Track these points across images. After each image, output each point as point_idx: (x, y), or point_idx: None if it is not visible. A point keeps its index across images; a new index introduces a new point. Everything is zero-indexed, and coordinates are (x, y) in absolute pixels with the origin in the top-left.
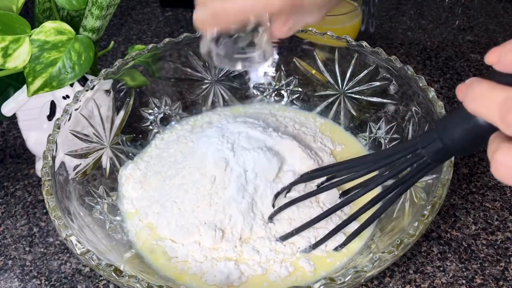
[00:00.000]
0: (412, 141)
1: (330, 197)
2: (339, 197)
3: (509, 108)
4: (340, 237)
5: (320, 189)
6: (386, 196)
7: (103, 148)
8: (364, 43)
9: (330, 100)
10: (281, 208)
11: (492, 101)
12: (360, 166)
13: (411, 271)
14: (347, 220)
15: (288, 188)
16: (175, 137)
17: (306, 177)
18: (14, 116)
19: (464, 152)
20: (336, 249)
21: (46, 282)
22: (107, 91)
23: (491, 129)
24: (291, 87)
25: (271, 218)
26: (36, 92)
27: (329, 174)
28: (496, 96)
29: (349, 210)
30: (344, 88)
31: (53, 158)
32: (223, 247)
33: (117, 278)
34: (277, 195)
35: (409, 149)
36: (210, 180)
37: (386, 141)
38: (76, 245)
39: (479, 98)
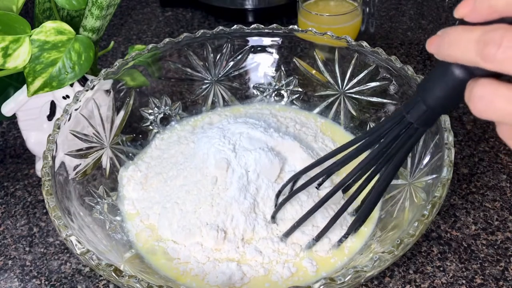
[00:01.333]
0: (397, 110)
1: (334, 197)
2: (342, 196)
3: (486, 41)
4: (343, 232)
5: (314, 177)
6: (378, 171)
7: (103, 148)
8: (364, 43)
9: (330, 100)
10: (282, 204)
11: (468, 40)
12: (351, 147)
13: (411, 271)
14: (345, 204)
15: (286, 185)
16: (176, 138)
17: (301, 171)
18: (14, 116)
19: (448, 110)
20: (340, 240)
21: (46, 282)
22: (107, 91)
23: (469, 77)
24: (291, 87)
25: (273, 217)
26: (36, 92)
27: (322, 163)
28: (472, 35)
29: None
30: (344, 88)
31: (53, 158)
32: (225, 248)
33: (117, 278)
34: (278, 194)
35: (395, 118)
36: (212, 181)
37: None
38: (76, 245)
39: (455, 41)
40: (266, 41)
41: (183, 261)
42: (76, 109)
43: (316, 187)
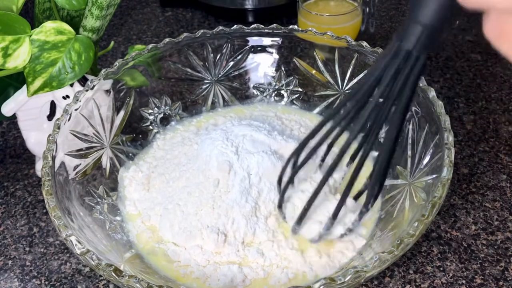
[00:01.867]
0: (389, 44)
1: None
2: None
3: None
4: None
5: (316, 146)
6: (385, 120)
7: (103, 148)
8: (364, 43)
9: (330, 100)
10: (285, 189)
11: None
12: (349, 100)
13: (411, 271)
14: (359, 164)
15: (285, 168)
16: (180, 139)
17: (298, 147)
18: (14, 116)
19: (446, 24)
20: (361, 212)
21: (46, 282)
22: (107, 91)
23: None
24: (291, 87)
25: (280, 206)
26: (36, 92)
27: (318, 131)
28: None
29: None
30: (344, 88)
31: (53, 158)
32: (225, 251)
33: (117, 278)
34: (279, 181)
35: (390, 50)
36: (214, 184)
37: None
38: (76, 245)
39: None
40: (266, 41)
41: (183, 264)
42: (76, 109)
43: (320, 163)
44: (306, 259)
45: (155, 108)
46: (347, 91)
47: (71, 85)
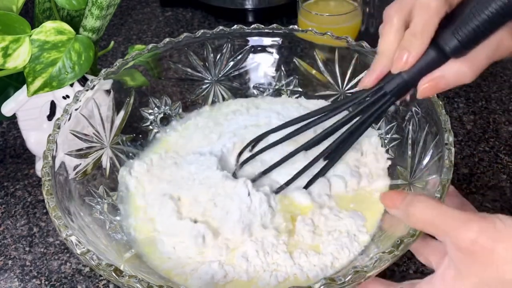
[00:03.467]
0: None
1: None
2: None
3: None
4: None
5: (291, 154)
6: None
7: (103, 148)
8: (364, 43)
9: (330, 100)
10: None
11: None
12: (329, 110)
13: (411, 271)
14: (318, 156)
15: (246, 147)
16: (202, 124)
17: (266, 132)
18: (14, 116)
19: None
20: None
21: (46, 282)
22: (107, 91)
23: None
24: (291, 87)
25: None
26: (36, 92)
27: (292, 124)
28: None
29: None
30: (344, 88)
31: (53, 158)
32: (208, 253)
33: (117, 278)
34: (240, 153)
35: (375, 86)
36: (214, 192)
37: (386, 141)
38: (76, 245)
39: None
40: (266, 41)
41: (165, 256)
42: (76, 109)
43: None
44: (295, 260)
45: (155, 108)
46: (347, 91)
47: (71, 85)
